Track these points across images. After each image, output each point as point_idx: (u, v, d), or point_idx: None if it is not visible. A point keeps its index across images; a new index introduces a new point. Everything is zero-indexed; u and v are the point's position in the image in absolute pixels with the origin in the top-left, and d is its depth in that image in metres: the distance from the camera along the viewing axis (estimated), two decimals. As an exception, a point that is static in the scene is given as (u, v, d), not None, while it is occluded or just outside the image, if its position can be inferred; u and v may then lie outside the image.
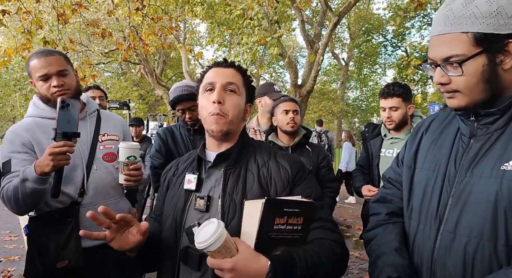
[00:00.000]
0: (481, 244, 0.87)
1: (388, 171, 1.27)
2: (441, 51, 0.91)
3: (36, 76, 1.58)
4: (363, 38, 22.81)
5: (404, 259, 1.01)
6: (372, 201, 1.26)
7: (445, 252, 0.93)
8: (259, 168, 1.11)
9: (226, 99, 1.09)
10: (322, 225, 1.04)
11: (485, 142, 0.93)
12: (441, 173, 1.00)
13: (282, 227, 0.92)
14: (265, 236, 0.90)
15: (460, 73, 0.89)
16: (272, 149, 1.19)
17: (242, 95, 1.14)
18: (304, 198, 1.00)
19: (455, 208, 0.93)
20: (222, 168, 1.11)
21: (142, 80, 19.39)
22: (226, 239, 0.87)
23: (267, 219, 0.89)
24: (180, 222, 1.10)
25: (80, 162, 1.64)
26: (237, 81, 1.12)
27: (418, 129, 1.17)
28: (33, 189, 1.42)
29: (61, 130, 1.38)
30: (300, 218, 0.94)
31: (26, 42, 5.08)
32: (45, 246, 1.56)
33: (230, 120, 1.09)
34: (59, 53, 1.65)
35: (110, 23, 10.19)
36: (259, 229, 0.89)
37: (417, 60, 11.16)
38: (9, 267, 4.10)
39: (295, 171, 1.10)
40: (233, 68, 1.15)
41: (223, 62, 1.16)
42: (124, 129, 1.91)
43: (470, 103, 0.92)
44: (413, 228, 1.05)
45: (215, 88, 1.10)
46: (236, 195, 1.06)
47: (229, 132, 1.11)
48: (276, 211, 0.90)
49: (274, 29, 7.54)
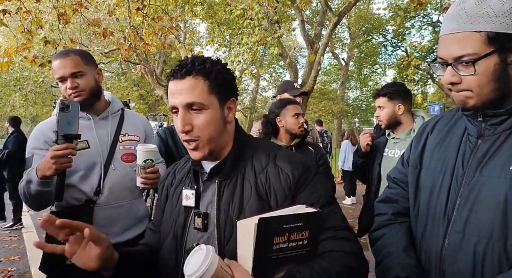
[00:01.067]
0: (491, 244, 0.87)
1: (393, 171, 1.26)
2: (452, 50, 0.90)
3: (56, 78, 1.62)
4: (363, 38, 22.80)
5: (412, 259, 1.01)
6: (377, 201, 1.26)
7: (454, 252, 0.93)
8: (257, 176, 0.99)
9: (193, 122, 0.96)
10: (333, 235, 0.92)
11: (493, 143, 0.93)
12: (448, 173, 1.00)
13: (284, 245, 0.81)
14: (263, 258, 0.81)
15: (472, 72, 0.88)
16: (271, 150, 1.06)
17: (212, 106, 0.97)
18: (309, 207, 0.89)
19: (464, 208, 0.93)
20: (216, 180, 1.01)
21: (142, 80, 19.38)
22: (217, 268, 0.79)
23: (263, 240, 0.79)
24: (181, 242, 1.03)
25: (99, 161, 1.64)
26: (199, 94, 0.95)
27: (424, 129, 1.17)
28: (37, 191, 1.43)
29: (62, 132, 1.38)
30: (305, 232, 0.83)
31: (27, 41, 5.07)
32: (58, 241, 1.57)
33: (206, 142, 0.98)
34: (76, 53, 1.64)
35: (110, 23, 10.18)
36: (255, 252, 0.80)
37: (417, 60, 11.18)
38: (9, 267, 4.10)
39: (297, 176, 0.97)
40: (190, 76, 0.96)
41: (178, 72, 0.97)
42: (147, 130, 1.89)
43: (481, 103, 0.92)
44: (420, 228, 1.05)
45: (178, 111, 0.97)
46: (233, 211, 0.97)
47: (212, 152, 1.01)
48: (274, 230, 0.80)
49: (274, 29, 7.54)
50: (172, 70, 1.00)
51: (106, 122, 1.72)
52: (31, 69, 13.86)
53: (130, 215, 1.71)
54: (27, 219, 6.37)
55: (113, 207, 1.65)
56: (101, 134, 1.68)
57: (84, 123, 1.60)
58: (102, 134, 1.68)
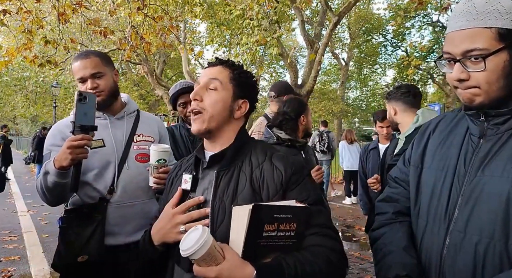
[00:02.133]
0: (492, 243, 0.87)
1: (394, 171, 1.26)
2: (462, 45, 0.89)
3: (76, 78, 1.66)
4: (363, 38, 22.83)
5: (412, 258, 1.00)
6: (378, 200, 1.26)
7: (455, 251, 0.93)
8: (253, 170, 1.07)
9: (204, 96, 1.09)
10: (318, 231, 0.99)
11: (495, 143, 0.93)
12: (450, 173, 0.99)
13: (273, 233, 0.88)
14: (253, 244, 0.87)
15: (482, 68, 0.87)
16: (268, 150, 1.13)
17: (227, 91, 1.10)
18: (299, 203, 0.95)
19: (465, 208, 0.93)
20: (215, 169, 1.08)
21: (142, 80, 19.40)
22: (211, 247, 0.85)
23: (255, 226, 0.85)
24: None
25: (113, 160, 1.67)
26: (221, 77, 1.10)
27: (426, 129, 1.17)
28: (54, 183, 1.46)
29: (79, 123, 1.39)
30: (293, 224, 0.90)
31: (27, 41, 5.07)
32: (71, 239, 1.59)
33: (209, 117, 1.07)
34: (96, 55, 1.68)
35: (111, 22, 10.19)
36: (247, 237, 0.86)
37: (417, 60, 11.18)
38: (9, 267, 4.10)
39: (289, 174, 1.04)
40: (221, 65, 1.14)
41: (212, 62, 1.16)
42: (161, 131, 1.92)
43: (488, 100, 0.91)
44: (421, 227, 1.05)
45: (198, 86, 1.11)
46: (226, 198, 1.03)
47: (210, 130, 1.09)
48: (265, 217, 0.86)
49: (274, 29, 7.54)
50: (209, 62, 1.18)
51: (121, 122, 1.76)
52: (31, 69, 13.87)
53: (143, 215, 1.72)
54: (27, 219, 6.37)
55: (126, 206, 1.67)
56: (117, 134, 1.71)
57: (100, 123, 1.63)
58: (117, 134, 1.71)
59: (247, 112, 1.16)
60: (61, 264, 1.63)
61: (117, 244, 1.64)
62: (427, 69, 20.86)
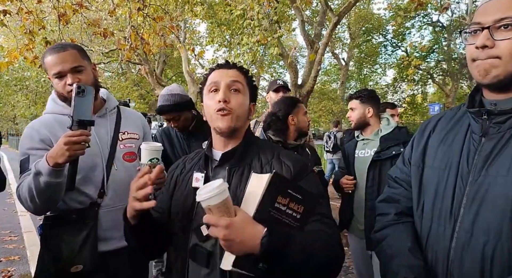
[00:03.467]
0: (500, 244, 0.86)
1: (394, 170, 1.25)
2: (494, 14, 0.89)
3: (51, 74, 1.50)
4: (363, 38, 22.80)
5: (419, 260, 1.00)
6: (379, 201, 1.25)
7: (462, 252, 0.92)
8: (262, 167, 1.12)
9: (231, 98, 1.12)
10: (320, 219, 1.04)
11: (498, 141, 0.93)
12: (453, 172, 0.99)
13: (283, 208, 0.92)
14: (264, 210, 0.90)
15: (510, 36, 0.86)
16: (275, 149, 1.19)
17: (246, 95, 1.17)
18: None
19: (471, 208, 0.92)
20: (227, 167, 1.12)
21: (142, 80, 19.41)
22: (228, 198, 0.88)
23: (270, 193, 0.90)
24: (189, 220, 1.11)
25: (100, 161, 1.56)
26: (241, 81, 1.15)
27: (425, 127, 1.16)
28: (47, 183, 1.32)
29: (78, 118, 1.31)
30: (300, 207, 0.94)
31: (29, 42, 5.07)
32: (59, 248, 1.46)
33: (236, 117, 1.12)
34: (73, 47, 1.53)
35: (111, 23, 10.19)
36: (261, 202, 0.90)
37: (417, 60, 11.17)
38: (9, 267, 4.10)
39: (297, 168, 1.11)
40: (235, 69, 1.18)
41: (226, 64, 1.19)
42: (144, 127, 1.82)
43: (504, 74, 0.89)
44: (426, 228, 1.04)
45: (220, 88, 1.12)
46: (240, 194, 1.06)
47: (236, 129, 1.13)
48: (280, 188, 0.91)
49: (274, 29, 7.54)
50: (219, 63, 1.20)
51: (104, 120, 1.64)
52: (32, 69, 13.87)
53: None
54: (26, 219, 6.37)
55: (118, 209, 1.56)
56: (100, 133, 1.59)
57: None
58: (101, 132, 1.60)
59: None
60: (48, 275, 1.49)
61: (108, 250, 1.54)
62: (427, 69, 20.84)
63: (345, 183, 2.39)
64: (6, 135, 41.33)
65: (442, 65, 21.06)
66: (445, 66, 20.52)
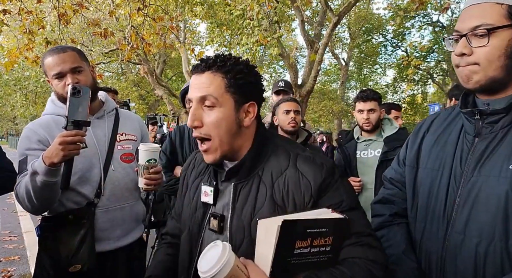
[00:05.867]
0: (492, 244, 0.87)
1: (389, 171, 1.25)
2: (470, 21, 0.91)
3: (50, 75, 1.52)
4: (363, 38, 22.79)
5: (412, 261, 1.00)
6: (374, 202, 1.25)
7: (455, 253, 0.93)
8: (274, 180, 0.95)
9: (204, 118, 0.94)
10: (356, 241, 0.87)
11: (490, 141, 0.93)
12: (446, 173, 0.99)
13: (305, 250, 0.78)
14: (282, 262, 0.78)
15: (485, 43, 0.88)
16: (292, 150, 1.00)
17: (226, 105, 0.94)
18: (335, 212, 0.84)
19: (464, 209, 0.93)
20: (233, 183, 0.99)
21: (142, 80, 19.38)
22: (233, 267, 0.75)
23: (285, 243, 0.75)
24: (196, 240, 1.03)
25: (97, 162, 1.57)
26: (214, 90, 0.93)
27: (419, 128, 1.16)
28: (44, 183, 1.34)
29: (72, 118, 1.32)
30: (328, 239, 0.80)
31: (28, 42, 5.07)
32: (56, 248, 1.49)
33: (218, 144, 0.95)
34: (72, 49, 1.57)
35: (111, 23, 10.18)
36: (275, 255, 0.76)
37: (417, 60, 11.16)
38: (9, 267, 4.10)
39: (320, 180, 0.91)
40: (209, 71, 0.94)
41: (199, 66, 0.96)
42: (142, 129, 1.84)
43: (485, 79, 0.91)
44: (419, 229, 1.04)
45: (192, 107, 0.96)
46: (245, 215, 0.94)
47: (225, 155, 0.98)
48: (297, 233, 0.76)
49: (274, 29, 7.54)
50: (195, 65, 0.98)
51: (102, 122, 1.66)
52: (31, 69, 13.87)
53: (132, 217, 1.68)
54: (26, 219, 6.37)
55: (114, 209, 1.59)
56: (98, 134, 1.61)
57: None
58: (99, 133, 1.62)
59: (257, 112, 1.01)
60: (46, 275, 1.52)
61: (105, 250, 1.55)
62: (427, 69, 20.83)
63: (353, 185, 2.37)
64: (6, 135, 41.27)
65: (442, 65, 21.05)
66: (445, 66, 20.51)
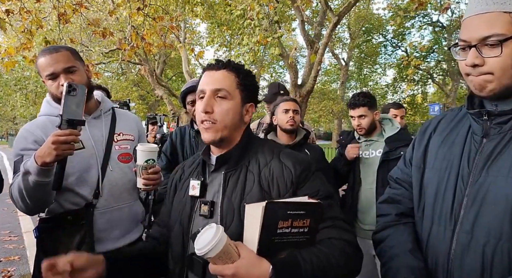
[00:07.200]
0: (500, 245, 0.86)
1: (395, 171, 1.25)
2: (479, 31, 0.89)
3: (44, 75, 1.51)
4: (363, 38, 22.81)
5: (419, 261, 1.00)
6: (380, 202, 1.25)
7: (462, 253, 0.92)
8: (261, 169, 1.08)
9: (215, 107, 1.07)
10: (332, 224, 1.00)
11: (499, 142, 0.93)
12: (453, 173, 0.99)
13: (287, 230, 0.88)
14: (267, 241, 0.88)
15: (498, 53, 0.86)
16: (276, 148, 1.15)
17: (235, 98, 1.09)
18: (311, 199, 0.95)
19: (471, 209, 0.92)
20: (223, 171, 1.09)
21: (142, 80, 19.39)
22: (226, 244, 0.85)
23: (269, 223, 0.86)
24: (187, 228, 1.10)
25: (95, 162, 1.56)
26: (228, 85, 1.08)
27: (426, 129, 1.16)
28: (36, 183, 1.32)
29: (67, 117, 1.29)
30: (306, 220, 0.90)
31: (27, 41, 5.07)
32: (55, 250, 1.45)
33: (222, 127, 1.07)
34: (66, 49, 1.55)
35: (111, 23, 10.18)
36: (261, 234, 0.86)
37: (417, 60, 11.16)
38: (9, 267, 4.09)
39: (299, 171, 1.05)
40: (225, 69, 1.10)
41: (214, 65, 1.11)
42: (139, 129, 1.83)
43: (499, 88, 0.90)
44: (426, 229, 1.04)
45: (205, 96, 1.08)
46: (235, 199, 1.04)
47: (222, 139, 1.09)
48: (279, 214, 0.86)
49: (274, 29, 7.54)
50: (209, 64, 1.12)
51: (99, 122, 1.65)
52: (31, 69, 13.87)
53: (131, 217, 1.67)
54: (26, 219, 6.37)
55: (113, 210, 1.59)
56: (95, 134, 1.60)
57: None
58: (96, 134, 1.60)
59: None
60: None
61: (104, 251, 1.51)
62: (427, 69, 20.84)
63: (350, 150, 2.38)
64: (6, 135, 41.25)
65: (442, 65, 21.07)
66: (445, 66, 20.53)
